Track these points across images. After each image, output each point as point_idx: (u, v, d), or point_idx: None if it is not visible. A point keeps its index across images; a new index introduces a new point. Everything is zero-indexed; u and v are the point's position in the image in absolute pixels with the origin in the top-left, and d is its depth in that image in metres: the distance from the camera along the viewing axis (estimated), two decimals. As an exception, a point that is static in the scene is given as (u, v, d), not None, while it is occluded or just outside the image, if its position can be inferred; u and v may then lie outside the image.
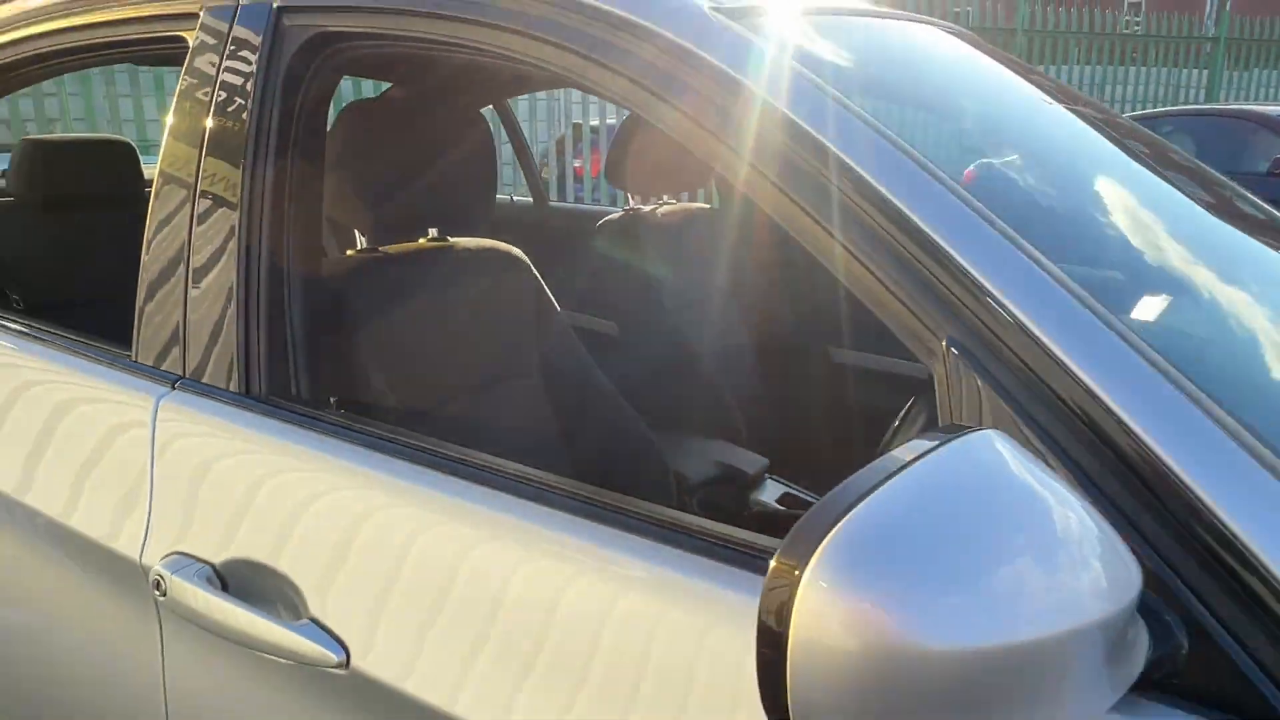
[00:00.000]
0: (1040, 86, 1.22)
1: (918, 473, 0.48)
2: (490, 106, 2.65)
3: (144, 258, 1.09)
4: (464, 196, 1.43)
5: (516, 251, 1.54)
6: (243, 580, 0.90)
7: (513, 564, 0.77)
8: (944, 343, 0.66)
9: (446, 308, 1.39)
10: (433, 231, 1.47)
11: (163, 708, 0.97)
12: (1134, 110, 9.73)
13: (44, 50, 1.37)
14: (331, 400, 1.10)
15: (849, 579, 0.44)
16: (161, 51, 1.30)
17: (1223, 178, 1.25)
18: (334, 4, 1.03)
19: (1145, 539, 0.58)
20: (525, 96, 7.56)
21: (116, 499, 1.01)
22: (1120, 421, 0.59)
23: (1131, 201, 1.02)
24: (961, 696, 0.45)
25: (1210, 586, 0.57)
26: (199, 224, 1.05)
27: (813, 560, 0.45)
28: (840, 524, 0.45)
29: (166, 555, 0.95)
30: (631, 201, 2.10)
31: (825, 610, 0.45)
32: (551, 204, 2.72)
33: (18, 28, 1.38)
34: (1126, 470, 0.59)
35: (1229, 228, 1.13)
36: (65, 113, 7.08)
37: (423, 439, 0.89)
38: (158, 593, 0.94)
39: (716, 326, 2.02)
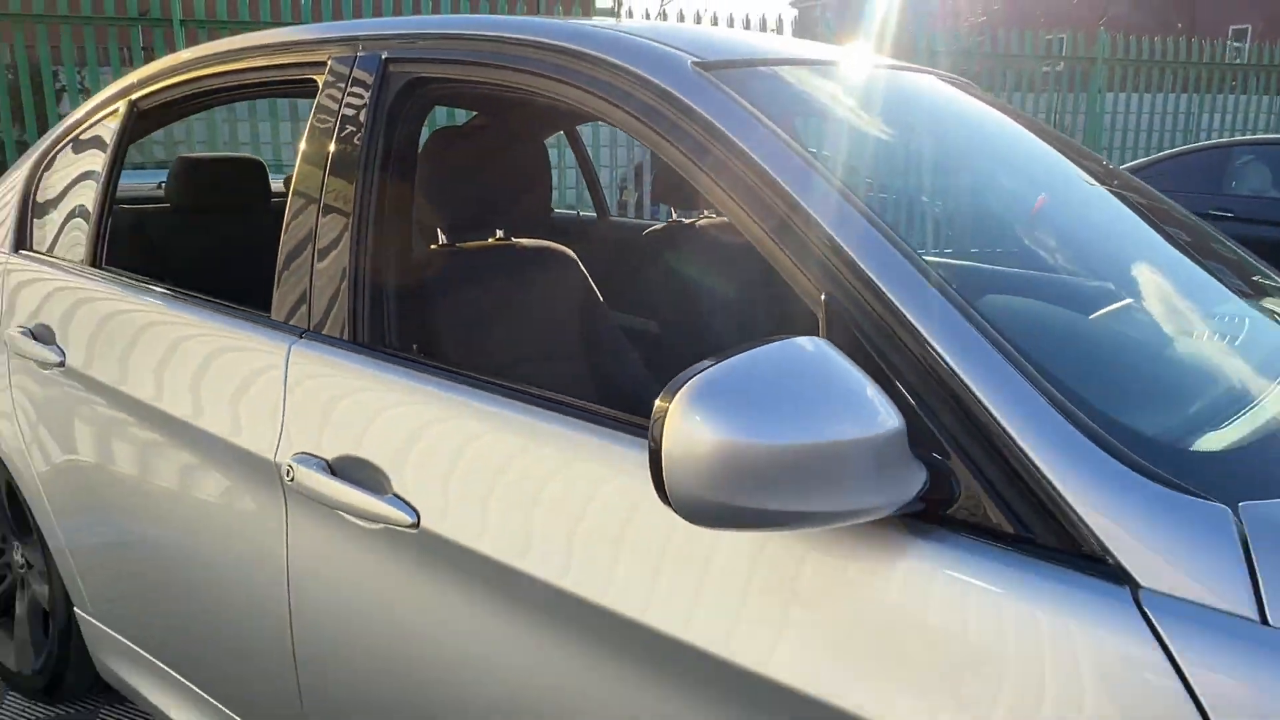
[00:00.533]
0: (976, 111, 1.50)
1: (759, 351, 0.79)
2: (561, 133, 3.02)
3: (282, 239, 1.46)
4: (524, 206, 1.78)
5: (568, 251, 1.88)
6: (347, 469, 1.25)
7: (543, 459, 1.10)
8: (823, 296, 0.96)
9: (506, 292, 1.74)
10: (499, 233, 1.82)
11: (284, 558, 1.33)
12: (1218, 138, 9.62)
13: (206, 88, 1.78)
14: (414, 348, 1.45)
15: (699, 407, 0.76)
16: (295, 90, 1.69)
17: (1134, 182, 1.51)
18: (428, 57, 1.39)
19: (936, 416, 0.87)
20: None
21: (260, 418, 1.38)
22: (924, 341, 0.89)
23: (1004, 197, 1.30)
24: (774, 477, 0.76)
25: (979, 453, 0.85)
26: (323, 217, 1.41)
27: (676, 398, 0.76)
28: (697, 376, 0.77)
29: (294, 454, 1.31)
30: (675, 215, 2.43)
31: (683, 428, 0.76)
32: (610, 218, 3.07)
33: (186, 71, 1.79)
34: (925, 372, 0.88)
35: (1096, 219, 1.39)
36: (190, 134, 7.80)
37: (479, 375, 1.23)
38: (287, 479, 1.29)
39: (744, 322, 2.32)
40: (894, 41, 9.67)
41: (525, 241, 1.83)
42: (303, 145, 1.48)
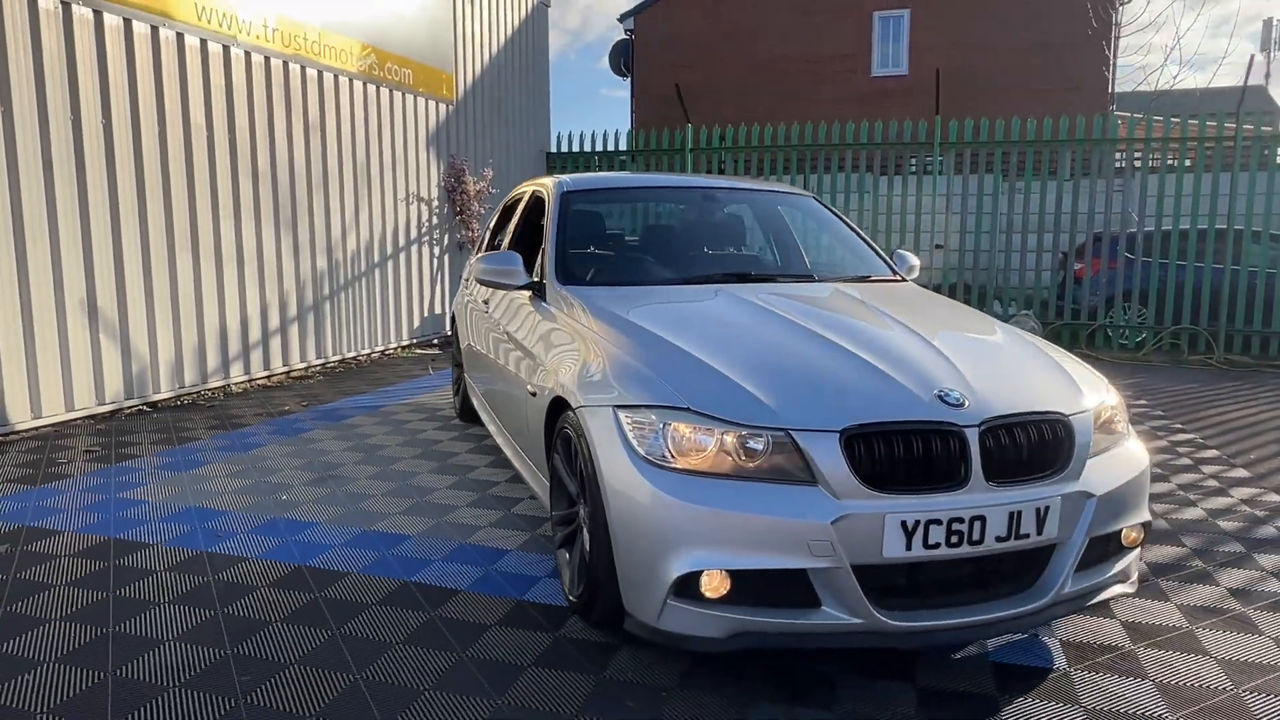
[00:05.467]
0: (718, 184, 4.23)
1: (502, 253, 3.84)
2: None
3: (508, 237, 4.78)
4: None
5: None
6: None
7: (516, 299, 4.20)
8: (541, 248, 3.91)
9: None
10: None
11: (499, 326, 4.63)
12: None
13: (518, 198, 5.25)
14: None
15: (482, 261, 3.84)
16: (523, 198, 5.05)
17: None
18: (532, 191, 4.61)
19: (537, 270, 3.78)
20: (1066, 210, 9.97)
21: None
22: (549, 258, 3.81)
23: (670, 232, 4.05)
24: (493, 273, 3.81)
25: (543, 277, 3.75)
26: (518, 226, 4.75)
27: (480, 257, 3.85)
28: (482, 254, 3.83)
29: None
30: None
31: (479, 265, 3.85)
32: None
33: (519, 189, 5.28)
34: (541, 262, 3.80)
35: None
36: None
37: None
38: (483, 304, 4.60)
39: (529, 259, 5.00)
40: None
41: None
42: (521, 206, 4.83)
